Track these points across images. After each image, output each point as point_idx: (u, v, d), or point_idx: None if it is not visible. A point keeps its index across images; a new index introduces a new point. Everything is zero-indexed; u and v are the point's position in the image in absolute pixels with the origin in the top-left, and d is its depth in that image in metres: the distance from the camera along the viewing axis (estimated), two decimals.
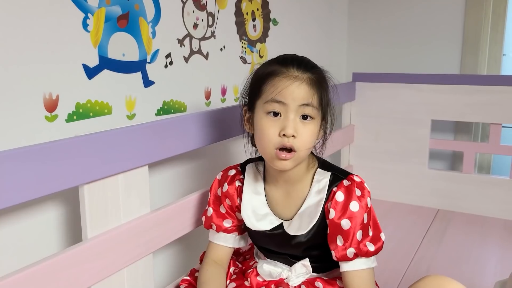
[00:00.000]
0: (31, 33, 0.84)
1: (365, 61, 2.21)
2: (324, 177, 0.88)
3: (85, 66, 0.95)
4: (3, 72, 0.80)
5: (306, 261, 0.90)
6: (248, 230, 0.94)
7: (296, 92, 0.80)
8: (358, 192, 0.85)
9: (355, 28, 2.21)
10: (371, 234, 0.85)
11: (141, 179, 0.91)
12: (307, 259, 0.90)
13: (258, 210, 0.92)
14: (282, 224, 0.90)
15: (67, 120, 0.93)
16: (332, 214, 0.84)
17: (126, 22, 1.03)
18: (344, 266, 0.85)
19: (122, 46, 1.03)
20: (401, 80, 1.84)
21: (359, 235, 0.83)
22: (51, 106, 0.89)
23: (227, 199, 0.95)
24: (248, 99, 0.89)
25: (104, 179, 0.82)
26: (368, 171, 1.93)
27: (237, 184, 0.94)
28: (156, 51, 1.13)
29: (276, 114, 0.81)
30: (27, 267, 0.69)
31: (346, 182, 0.86)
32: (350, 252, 0.83)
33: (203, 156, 1.34)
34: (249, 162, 0.97)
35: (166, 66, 1.17)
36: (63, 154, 0.72)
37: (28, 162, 0.67)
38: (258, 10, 1.53)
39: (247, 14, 1.47)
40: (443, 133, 2.05)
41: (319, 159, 0.92)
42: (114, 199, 0.85)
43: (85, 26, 0.94)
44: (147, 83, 1.12)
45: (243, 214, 0.92)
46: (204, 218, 0.98)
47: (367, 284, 0.85)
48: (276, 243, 0.91)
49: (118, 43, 1.02)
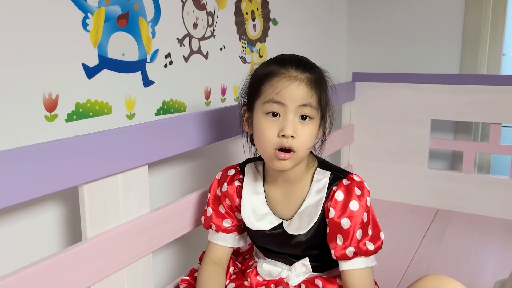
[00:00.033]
0: (31, 32, 0.84)
1: (365, 61, 2.21)
2: (323, 176, 0.88)
3: (84, 66, 0.95)
4: (3, 71, 0.80)
5: (306, 260, 0.90)
6: (248, 230, 0.94)
7: (295, 93, 0.80)
8: (357, 191, 0.85)
9: (355, 28, 2.21)
10: (370, 233, 0.85)
11: (140, 178, 0.91)
12: (307, 258, 0.90)
13: (257, 210, 0.92)
14: (281, 223, 0.90)
15: (67, 120, 0.93)
16: (332, 213, 0.84)
17: (126, 21, 1.03)
18: (344, 265, 0.85)
19: (122, 46, 1.03)
20: (401, 79, 1.84)
21: (358, 234, 0.83)
22: (51, 105, 0.89)
23: (226, 199, 0.95)
24: (247, 99, 0.89)
25: (104, 179, 0.82)
26: (367, 170, 1.93)
27: (236, 184, 0.94)
28: (156, 51, 1.13)
29: (275, 114, 0.81)
30: (26, 266, 0.69)
31: (345, 182, 0.86)
32: (350, 251, 0.83)
33: (203, 156, 1.34)
34: (248, 162, 0.97)
35: (165, 66, 1.17)
36: (62, 153, 0.72)
37: (27, 162, 0.67)
38: (257, 9, 1.53)
39: (246, 13, 1.47)
40: (443, 132, 2.05)
41: (318, 158, 0.92)
42: (114, 199, 0.85)
43: (84, 25, 0.94)
44: (147, 82, 1.12)
45: (243, 214, 0.92)
46: (203, 218, 0.98)
47: (367, 283, 0.85)
48: (276, 242, 0.91)
49: (118, 42, 1.02)
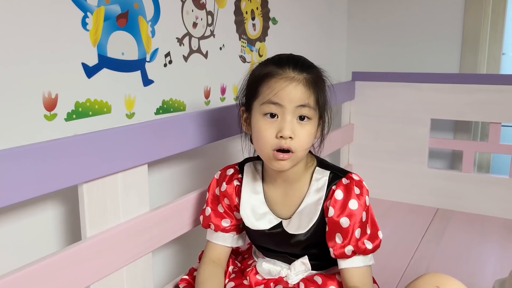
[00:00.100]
0: (30, 32, 0.84)
1: (364, 60, 2.21)
2: (323, 175, 0.88)
3: (84, 65, 0.95)
4: (3, 71, 0.80)
5: (305, 259, 0.90)
6: (247, 229, 0.94)
7: (293, 94, 0.80)
8: (357, 190, 0.85)
9: (354, 27, 2.21)
10: (369, 232, 0.85)
11: (140, 178, 0.91)
12: (306, 257, 0.90)
13: (257, 209, 0.92)
14: (281, 223, 0.90)
15: (66, 119, 0.93)
16: (331, 212, 0.84)
17: (126, 21, 1.03)
18: (342, 264, 0.85)
19: (122, 45, 1.03)
20: (400, 79, 1.84)
21: (357, 233, 0.83)
22: (51, 105, 0.89)
23: (225, 199, 0.95)
24: (245, 99, 0.89)
25: (103, 178, 0.82)
26: (367, 170, 1.93)
27: (235, 183, 0.94)
28: (156, 50, 1.13)
29: (273, 115, 0.81)
30: (26, 266, 0.69)
31: (345, 181, 0.86)
32: (349, 249, 0.83)
33: (202, 155, 1.34)
34: (247, 161, 0.97)
35: (165, 65, 1.17)
36: (62, 153, 0.72)
37: (27, 161, 0.67)
38: (257, 9, 1.53)
39: (246, 13, 1.47)
40: (443, 132, 2.05)
41: (317, 158, 0.92)
42: (113, 198, 0.85)
43: (84, 25, 0.94)
44: (147, 82, 1.12)
45: (242, 213, 0.92)
46: (202, 217, 0.98)
47: (365, 281, 0.85)
48: (275, 242, 0.91)
49: (118, 42, 1.02)
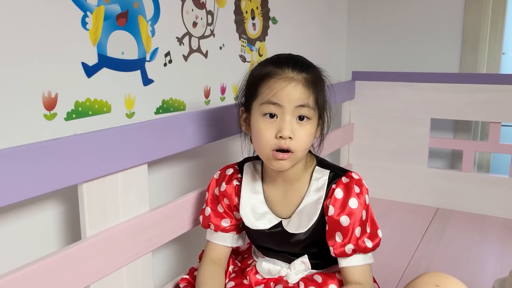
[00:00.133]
0: (30, 31, 0.84)
1: (364, 59, 2.21)
2: (322, 175, 0.88)
3: (84, 65, 0.95)
4: (2, 70, 0.80)
5: (305, 258, 0.90)
6: (247, 229, 0.94)
7: (292, 94, 0.80)
8: (357, 189, 0.85)
9: (354, 27, 2.21)
10: (369, 231, 0.85)
11: (140, 177, 0.90)
12: (306, 256, 0.90)
13: (256, 209, 0.92)
14: (281, 222, 0.90)
15: (66, 119, 0.93)
16: (331, 211, 0.84)
17: (125, 20, 1.03)
18: (343, 262, 0.85)
19: (121, 45, 1.03)
20: (400, 78, 1.84)
21: (357, 231, 0.84)
22: (50, 104, 0.89)
23: (225, 199, 0.95)
24: (244, 100, 0.88)
25: (103, 178, 0.82)
26: (367, 169, 1.93)
27: (235, 183, 0.94)
28: (155, 50, 1.13)
29: (272, 115, 0.81)
30: (26, 265, 0.69)
31: (345, 179, 0.86)
32: (349, 248, 0.83)
33: (202, 155, 1.34)
34: (246, 161, 0.97)
35: (165, 65, 1.17)
36: (62, 152, 0.72)
37: (27, 161, 0.67)
38: (257, 8, 1.53)
39: (246, 12, 1.47)
40: (443, 131, 2.05)
41: (317, 157, 0.92)
42: (113, 198, 0.85)
43: (84, 24, 0.94)
44: (146, 81, 1.12)
45: (242, 213, 0.92)
46: (201, 217, 0.98)
47: (366, 279, 0.85)
48: (275, 241, 0.91)
49: (117, 41, 1.02)
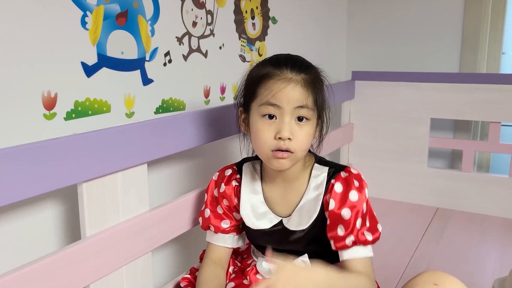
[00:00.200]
0: (30, 31, 0.84)
1: (364, 59, 2.21)
2: (322, 172, 0.89)
3: (83, 64, 0.95)
4: (2, 70, 0.80)
5: (305, 257, 0.90)
6: (247, 229, 0.94)
7: (291, 95, 0.80)
8: (356, 183, 0.86)
9: (354, 27, 2.21)
10: (368, 224, 0.85)
11: (139, 177, 0.90)
12: (306, 255, 0.90)
13: (256, 209, 0.92)
14: (281, 221, 0.90)
15: (66, 118, 0.93)
16: (332, 205, 0.84)
17: (125, 20, 1.03)
18: (344, 255, 0.85)
19: (121, 44, 1.03)
20: (400, 78, 1.84)
21: (358, 223, 0.84)
22: (50, 104, 0.89)
23: (224, 200, 0.95)
24: (243, 100, 0.88)
25: (103, 177, 0.82)
26: (367, 169, 1.92)
27: (234, 184, 0.94)
28: (155, 49, 1.13)
29: (271, 116, 0.81)
30: (25, 265, 0.69)
31: (343, 174, 0.87)
32: (349, 240, 0.83)
33: (201, 155, 1.33)
34: (245, 161, 0.97)
35: (165, 64, 1.17)
36: (61, 152, 0.72)
37: (26, 160, 0.67)
38: (257, 8, 1.52)
39: (246, 12, 1.47)
40: (443, 131, 2.05)
41: (315, 156, 0.92)
42: (113, 197, 0.85)
43: (83, 24, 0.94)
44: (146, 81, 1.12)
45: (243, 213, 0.92)
46: (201, 219, 0.98)
47: (368, 271, 0.85)
48: (275, 240, 0.91)
49: (117, 41, 1.02)
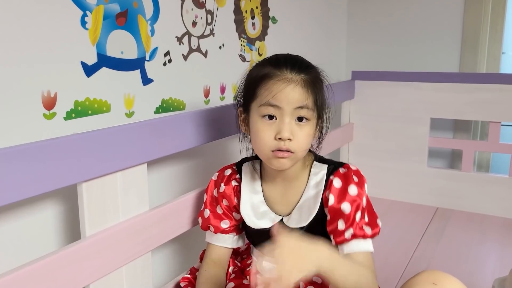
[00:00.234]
0: (30, 31, 0.84)
1: (364, 59, 2.21)
2: (321, 169, 0.89)
3: (83, 64, 0.95)
4: (2, 70, 0.80)
5: None
6: (246, 229, 0.94)
7: (291, 95, 0.80)
8: (355, 178, 0.86)
9: (354, 27, 2.20)
10: (367, 219, 0.85)
11: (139, 177, 0.90)
12: None
13: (257, 209, 0.92)
14: (281, 220, 0.90)
15: (66, 118, 0.93)
16: (331, 201, 0.84)
17: (125, 20, 1.03)
18: (344, 249, 0.84)
19: (121, 44, 1.03)
20: (400, 78, 1.84)
21: (357, 217, 0.84)
22: (49, 103, 0.89)
23: (224, 200, 0.95)
24: (242, 100, 0.88)
25: (103, 177, 0.82)
26: (367, 169, 1.90)
27: (233, 183, 0.94)
28: (155, 49, 1.13)
29: (271, 117, 0.81)
30: (25, 265, 0.69)
31: (342, 170, 0.87)
32: (348, 233, 0.83)
33: (201, 154, 1.33)
34: (244, 161, 0.97)
35: (165, 64, 1.17)
36: (61, 152, 0.72)
37: (26, 160, 0.67)
38: (257, 8, 1.52)
39: (246, 12, 1.47)
40: (442, 131, 2.05)
41: (315, 154, 0.92)
42: (113, 197, 0.85)
43: (83, 23, 0.94)
44: (146, 81, 1.12)
45: (243, 213, 0.92)
46: (200, 219, 0.98)
47: (369, 264, 0.84)
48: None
49: (117, 41, 1.01)
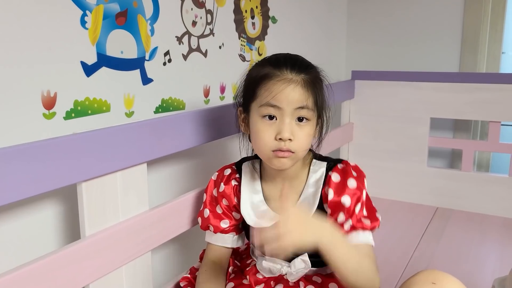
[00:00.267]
0: (29, 30, 0.84)
1: (364, 59, 2.20)
2: (320, 167, 0.89)
3: (83, 64, 0.95)
4: (2, 70, 0.80)
5: (305, 256, 0.90)
6: (246, 229, 0.94)
7: (291, 96, 0.80)
8: (354, 173, 0.86)
9: (354, 27, 2.20)
10: (367, 212, 0.85)
11: (139, 176, 0.90)
12: (306, 254, 0.90)
13: (257, 208, 0.91)
14: None
15: (65, 118, 0.92)
16: (331, 195, 0.84)
17: (125, 19, 1.03)
18: None
19: (121, 44, 1.03)
20: (400, 78, 1.84)
21: (357, 209, 0.84)
22: (49, 103, 0.89)
23: (224, 199, 0.95)
24: (242, 100, 0.88)
25: (102, 177, 0.81)
26: (367, 169, 1.88)
27: (233, 183, 0.94)
28: (155, 49, 1.13)
29: (271, 117, 0.81)
30: (25, 265, 0.69)
31: (340, 165, 0.88)
32: (348, 225, 0.83)
33: (201, 154, 1.33)
34: (244, 160, 0.97)
35: (164, 64, 1.16)
36: (61, 151, 0.72)
37: (26, 160, 0.67)
38: (257, 7, 1.52)
39: (246, 11, 1.47)
40: (442, 131, 2.05)
41: (314, 153, 0.92)
42: (112, 197, 0.84)
43: (83, 23, 0.93)
44: (146, 80, 1.12)
45: (244, 212, 0.92)
46: (200, 219, 0.97)
47: (370, 257, 0.83)
48: None
49: (117, 40, 1.01)
